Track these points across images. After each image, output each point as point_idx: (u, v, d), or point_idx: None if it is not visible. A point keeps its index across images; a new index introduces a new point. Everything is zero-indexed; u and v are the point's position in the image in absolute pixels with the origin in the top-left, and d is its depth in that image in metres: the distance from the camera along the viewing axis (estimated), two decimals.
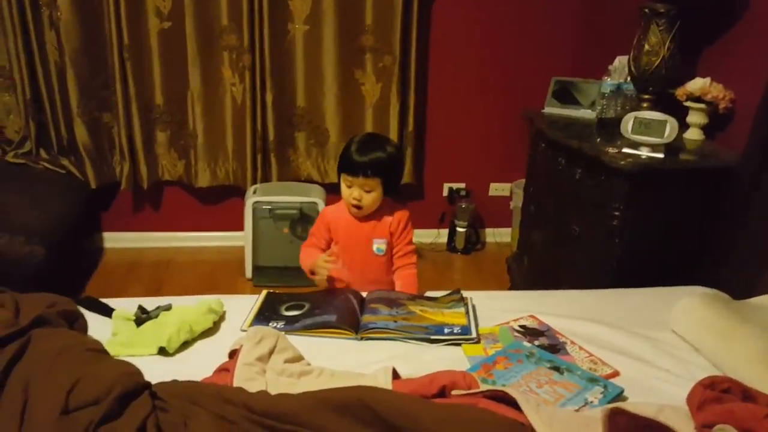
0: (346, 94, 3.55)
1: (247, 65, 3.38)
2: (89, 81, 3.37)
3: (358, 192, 2.01)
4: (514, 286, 3.21)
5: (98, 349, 1.36)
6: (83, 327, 1.57)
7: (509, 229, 3.98)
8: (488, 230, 4.07)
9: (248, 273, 3.42)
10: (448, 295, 1.97)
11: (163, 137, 3.55)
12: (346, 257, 2.12)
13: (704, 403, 1.27)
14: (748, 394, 1.31)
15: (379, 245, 2.11)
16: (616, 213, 2.27)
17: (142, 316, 1.74)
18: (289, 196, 3.34)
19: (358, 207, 2.04)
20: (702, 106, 2.42)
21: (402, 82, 3.52)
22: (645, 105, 2.53)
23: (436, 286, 2.15)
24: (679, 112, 2.41)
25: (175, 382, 1.33)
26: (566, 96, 3.08)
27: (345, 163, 2.02)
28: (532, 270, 3.00)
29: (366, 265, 2.12)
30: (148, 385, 1.26)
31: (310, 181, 3.67)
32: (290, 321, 1.79)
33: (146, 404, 1.19)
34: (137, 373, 1.26)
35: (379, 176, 2.00)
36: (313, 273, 2.09)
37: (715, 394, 1.29)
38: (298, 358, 1.55)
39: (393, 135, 3.58)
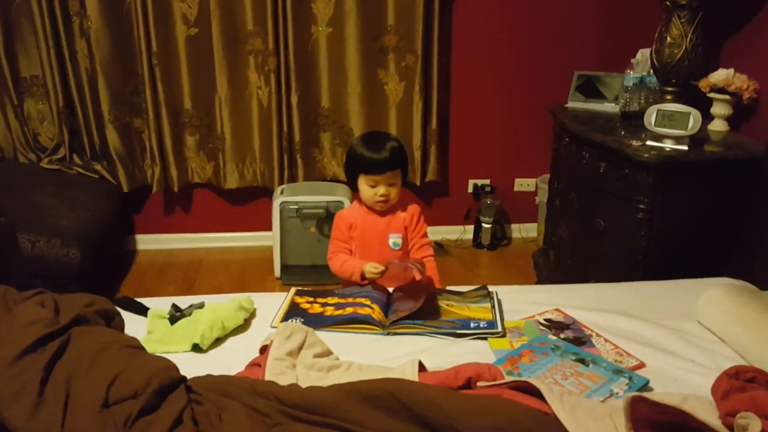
0: (370, 94, 3.58)
1: (272, 68, 3.44)
2: (120, 87, 3.46)
3: (384, 189, 2.08)
4: (541, 281, 3.21)
5: (136, 346, 1.40)
6: (120, 325, 1.61)
7: (535, 224, 3.98)
8: (514, 226, 4.07)
9: (277, 272, 3.47)
10: (474, 290, 2.00)
11: (192, 141, 3.62)
12: (364, 254, 2.17)
13: (729, 392, 1.28)
14: None
15: (395, 240, 2.17)
16: (642, 206, 2.27)
17: (176, 314, 1.79)
18: (315, 196, 3.39)
19: (386, 201, 2.11)
20: (726, 97, 2.40)
21: (425, 80, 3.55)
22: (668, 97, 2.52)
23: (462, 282, 2.18)
24: (703, 104, 2.40)
25: (209, 376, 1.37)
26: (590, 90, 3.07)
27: (364, 166, 2.07)
28: (558, 265, 3.00)
29: (383, 261, 2.16)
30: (183, 379, 1.30)
31: (335, 180, 3.71)
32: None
33: (182, 397, 1.23)
34: (173, 367, 1.30)
35: (401, 167, 2.08)
36: (363, 279, 2.10)
37: (740, 384, 1.30)
38: (327, 353, 1.59)
39: (417, 133, 3.61)
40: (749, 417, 1.14)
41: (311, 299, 1.96)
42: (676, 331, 1.78)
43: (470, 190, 3.96)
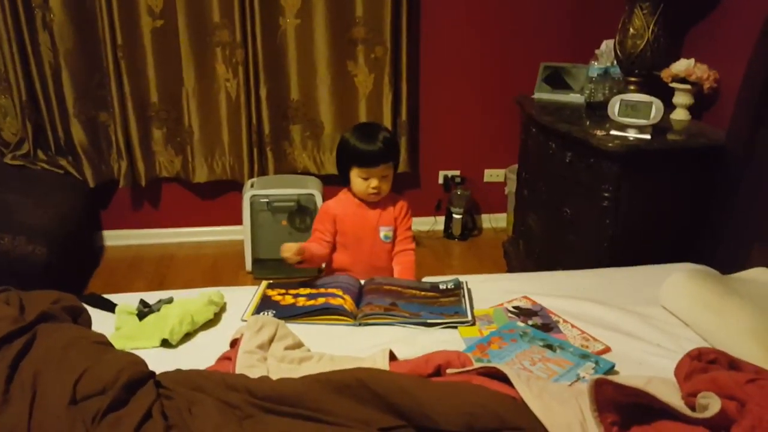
0: (340, 86, 3.58)
1: (240, 60, 3.41)
2: (84, 81, 3.40)
3: (376, 181, 2.09)
4: (511, 270, 3.25)
5: (103, 342, 1.39)
6: (87, 322, 1.60)
7: (505, 215, 4.01)
8: (484, 216, 4.10)
9: (248, 266, 3.45)
10: (448, 290, 2.00)
11: (159, 134, 3.58)
12: (354, 246, 2.19)
13: (691, 373, 1.31)
14: (734, 364, 1.34)
15: (386, 233, 2.20)
16: (607, 194, 2.31)
17: (144, 310, 1.78)
18: (286, 189, 3.37)
19: (378, 194, 2.12)
20: (687, 86, 2.45)
21: (394, 72, 3.55)
22: (632, 87, 2.56)
23: (434, 273, 2.20)
24: (666, 94, 2.45)
25: (179, 371, 1.37)
26: (558, 81, 3.11)
27: (358, 158, 2.07)
28: (528, 253, 3.04)
29: (373, 254, 2.19)
30: (152, 374, 1.29)
31: (306, 173, 3.70)
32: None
33: (151, 392, 1.23)
34: (142, 362, 1.30)
35: (393, 160, 2.10)
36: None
37: (702, 365, 1.33)
38: (298, 345, 1.60)
39: (387, 124, 3.61)
40: (709, 396, 1.17)
41: (283, 291, 1.96)
42: (641, 315, 1.82)
43: (440, 181, 3.98)
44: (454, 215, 3.89)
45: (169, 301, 1.81)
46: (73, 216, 3.20)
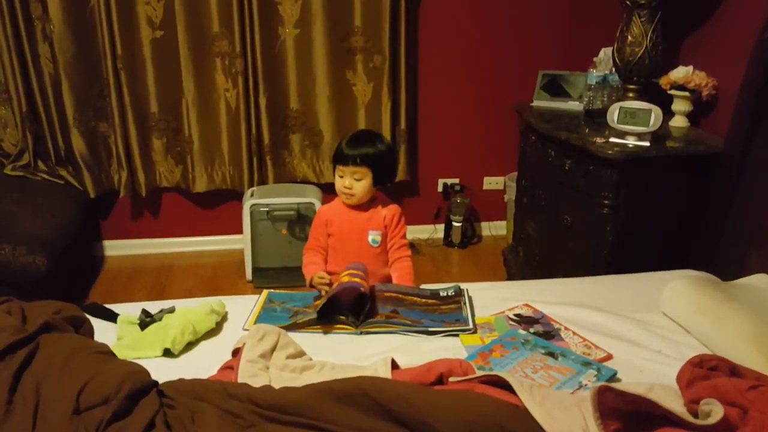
0: (339, 95, 3.59)
1: (240, 70, 3.42)
2: (84, 92, 3.41)
3: (348, 180, 2.11)
4: (511, 277, 3.25)
5: (106, 352, 1.40)
6: (89, 332, 1.61)
7: (504, 222, 4.02)
8: (484, 224, 4.11)
9: (248, 275, 3.46)
10: (448, 297, 2.00)
11: (159, 144, 3.59)
12: (342, 249, 2.19)
13: (693, 380, 1.32)
14: (735, 371, 1.35)
15: (374, 237, 2.19)
16: (606, 201, 2.31)
17: (146, 320, 1.78)
18: (286, 198, 3.38)
19: (350, 195, 2.13)
20: (686, 94, 2.46)
21: (393, 81, 3.57)
22: (630, 95, 2.57)
23: (434, 280, 2.20)
24: (664, 101, 2.46)
25: (181, 380, 1.37)
26: (556, 88, 3.12)
27: (336, 155, 2.14)
28: (527, 261, 3.04)
29: (360, 257, 2.17)
30: (155, 383, 1.29)
31: (306, 182, 3.71)
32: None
33: (154, 402, 1.23)
34: (144, 372, 1.30)
35: (367, 165, 2.10)
36: (312, 285, 2.14)
37: (704, 372, 1.33)
38: (300, 354, 1.60)
39: (386, 133, 3.62)
40: (712, 403, 1.17)
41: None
42: (642, 322, 1.82)
43: (440, 189, 3.99)
44: (454, 223, 3.89)
45: (171, 310, 1.81)
46: (73, 226, 3.20)
